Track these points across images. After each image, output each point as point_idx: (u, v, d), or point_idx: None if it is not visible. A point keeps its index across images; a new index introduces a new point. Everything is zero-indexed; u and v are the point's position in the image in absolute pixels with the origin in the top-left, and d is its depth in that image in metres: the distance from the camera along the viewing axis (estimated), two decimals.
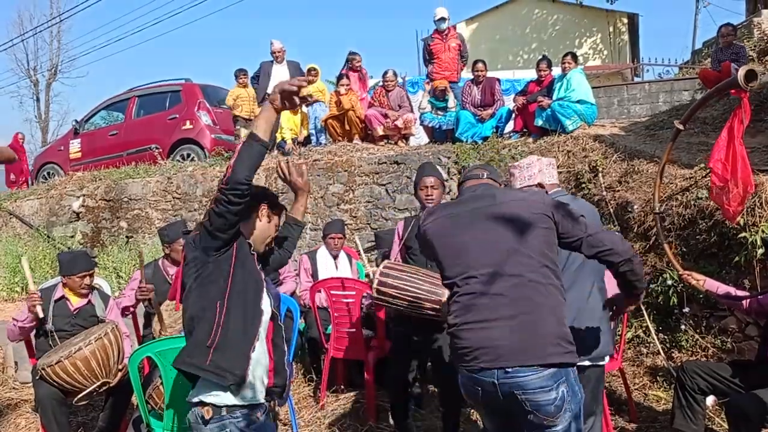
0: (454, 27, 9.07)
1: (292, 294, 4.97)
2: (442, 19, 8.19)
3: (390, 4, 55.35)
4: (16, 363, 5.46)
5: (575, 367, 2.26)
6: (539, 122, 7.08)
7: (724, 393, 3.20)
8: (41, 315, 3.87)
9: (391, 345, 3.94)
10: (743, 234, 4.20)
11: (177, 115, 9.90)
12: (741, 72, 2.70)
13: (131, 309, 4.60)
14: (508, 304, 2.20)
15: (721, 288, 3.28)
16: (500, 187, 2.64)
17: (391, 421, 4.04)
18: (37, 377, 3.74)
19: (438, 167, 7.20)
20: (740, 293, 3.28)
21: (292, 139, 8.50)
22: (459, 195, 2.62)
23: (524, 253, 2.25)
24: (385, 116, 8.03)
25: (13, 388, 5.28)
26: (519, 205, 2.35)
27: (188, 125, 9.77)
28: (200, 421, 2.17)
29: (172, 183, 8.86)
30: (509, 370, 2.15)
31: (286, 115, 8.45)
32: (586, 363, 2.76)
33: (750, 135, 5.34)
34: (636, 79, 15.18)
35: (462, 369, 2.29)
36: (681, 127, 3.26)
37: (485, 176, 2.63)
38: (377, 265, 3.80)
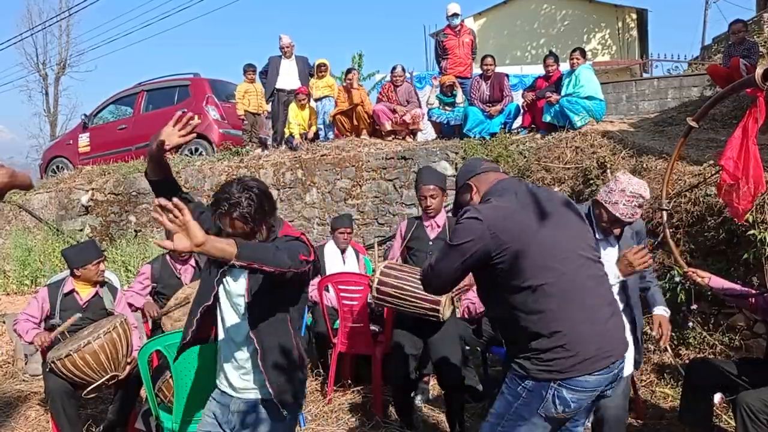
0: (463, 22, 9.05)
1: None
2: (455, 15, 8.19)
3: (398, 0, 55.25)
4: (25, 355, 5.51)
5: None
6: (547, 118, 7.07)
7: (732, 390, 3.19)
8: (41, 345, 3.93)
9: (392, 342, 3.95)
10: (752, 231, 4.18)
11: (185, 110, 9.89)
12: (759, 71, 2.69)
13: (135, 307, 4.63)
14: (602, 300, 2.19)
15: (726, 285, 3.25)
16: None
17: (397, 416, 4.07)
18: (47, 370, 3.78)
19: (444, 162, 7.27)
20: (746, 290, 3.26)
21: (300, 134, 8.51)
22: (489, 187, 2.29)
23: (591, 248, 2.26)
24: (394, 111, 8.02)
25: (23, 380, 5.34)
26: (571, 203, 2.34)
27: (196, 120, 9.77)
28: None
29: (180, 177, 8.87)
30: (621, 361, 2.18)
31: (294, 110, 8.47)
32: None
33: (759, 132, 5.31)
34: (645, 75, 15.10)
35: (584, 377, 2.05)
36: (694, 124, 3.25)
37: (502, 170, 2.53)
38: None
